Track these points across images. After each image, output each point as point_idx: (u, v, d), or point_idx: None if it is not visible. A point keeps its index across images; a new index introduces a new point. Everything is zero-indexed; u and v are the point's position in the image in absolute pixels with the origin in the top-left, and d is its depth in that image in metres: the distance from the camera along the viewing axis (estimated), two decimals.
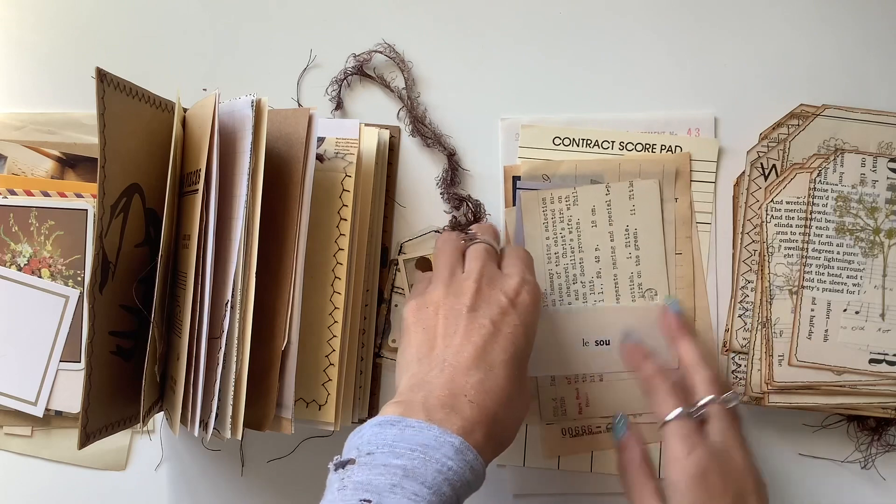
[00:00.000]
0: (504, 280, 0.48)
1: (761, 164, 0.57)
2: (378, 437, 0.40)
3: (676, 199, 0.58)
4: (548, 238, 0.58)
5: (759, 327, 0.56)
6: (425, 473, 0.38)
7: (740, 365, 0.57)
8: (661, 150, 0.58)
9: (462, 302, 0.46)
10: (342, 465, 0.40)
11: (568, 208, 0.58)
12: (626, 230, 0.58)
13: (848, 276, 0.56)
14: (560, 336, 0.57)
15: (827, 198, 0.56)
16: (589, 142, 0.58)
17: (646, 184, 0.57)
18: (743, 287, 0.57)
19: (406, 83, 0.59)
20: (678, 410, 0.49)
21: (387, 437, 0.40)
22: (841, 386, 0.55)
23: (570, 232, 0.58)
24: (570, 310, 0.57)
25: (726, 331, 0.58)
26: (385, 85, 0.59)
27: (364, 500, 0.37)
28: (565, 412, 0.57)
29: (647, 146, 0.58)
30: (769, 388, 0.55)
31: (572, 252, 0.58)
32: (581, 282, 0.57)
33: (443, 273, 0.49)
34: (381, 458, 0.39)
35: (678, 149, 0.58)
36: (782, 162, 0.57)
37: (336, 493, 0.38)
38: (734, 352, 0.57)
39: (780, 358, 0.55)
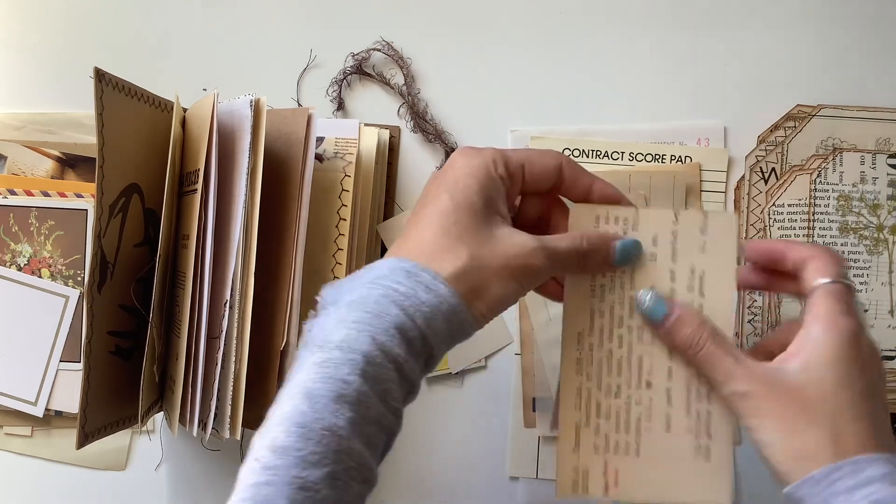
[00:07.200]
0: None
1: (760, 168, 0.57)
2: (342, 285, 0.40)
3: (687, 208, 0.56)
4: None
5: (769, 331, 0.56)
6: (368, 299, 0.38)
7: None
8: (671, 160, 0.58)
9: None
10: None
11: (625, 233, 0.44)
12: (693, 270, 0.43)
13: (854, 275, 0.55)
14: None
15: (828, 198, 0.56)
16: (598, 153, 0.58)
17: (721, 217, 0.44)
18: (751, 292, 0.57)
19: (405, 80, 0.59)
20: (830, 278, 0.42)
21: (345, 283, 0.40)
22: None
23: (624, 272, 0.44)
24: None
25: (736, 335, 0.57)
26: (385, 82, 0.59)
27: (317, 363, 0.36)
28: (587, 489, 0.43)
29: (657, 157, 0.58)
30: None
31: (621, 288, 0.44)
32: (628, 326, 0.43)
33: None
34: (336, 304, 0.39)
35: (688, 159, 0.58)
36: (781, 165, 0.57)
37: (302, 352, 0.38)
38: None
39: None
